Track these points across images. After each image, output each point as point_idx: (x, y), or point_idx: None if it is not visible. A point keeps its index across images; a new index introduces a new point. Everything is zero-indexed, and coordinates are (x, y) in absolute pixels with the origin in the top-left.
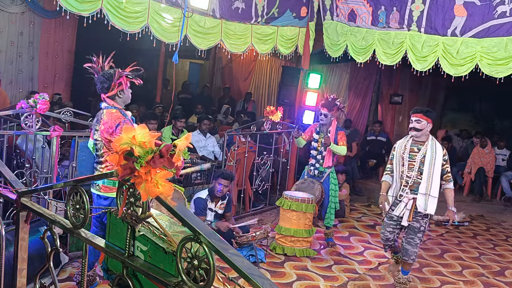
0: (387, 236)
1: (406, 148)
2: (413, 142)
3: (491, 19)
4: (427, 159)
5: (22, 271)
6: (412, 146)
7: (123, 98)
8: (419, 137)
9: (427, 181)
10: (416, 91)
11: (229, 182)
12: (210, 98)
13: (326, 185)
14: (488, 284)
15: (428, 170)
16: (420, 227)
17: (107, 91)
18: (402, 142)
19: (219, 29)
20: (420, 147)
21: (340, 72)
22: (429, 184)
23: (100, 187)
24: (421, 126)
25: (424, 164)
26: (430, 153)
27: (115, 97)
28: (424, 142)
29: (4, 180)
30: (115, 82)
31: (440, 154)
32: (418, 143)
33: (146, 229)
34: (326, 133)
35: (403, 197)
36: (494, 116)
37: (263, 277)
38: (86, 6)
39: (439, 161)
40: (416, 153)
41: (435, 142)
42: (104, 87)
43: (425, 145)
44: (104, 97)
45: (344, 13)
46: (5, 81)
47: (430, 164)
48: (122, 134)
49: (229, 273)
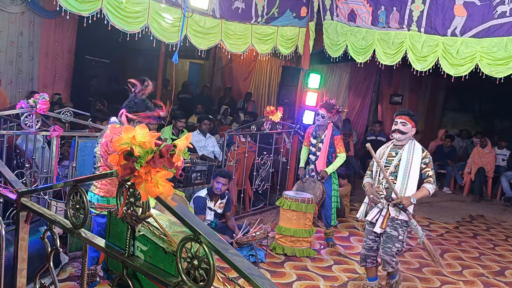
0: (370, 244)
1: (384, 154)
2: (392, 147)
3: (491, 19)
4: (402, 163)
5: (22, 271)
6: (390, 151)
7: (133, 125)
8: (401, 140)
9: (402, 185)
10: (416, 91)
11: (228, 180)
12: (210, 98)
13: (328, 184)
14: (488, 284)
15: (403, 173)
16: (399, 236)
17: (131, 112)
18: (382, 149)
19: (219, 29)
20: (398, 150)
21: (340, 72)
22: (403, 188)
23: (95, 205)
24: (406, 129)
25: (399, 167)
26: (406, 156)
27: (130, 121)
28: (403, 146)
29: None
30: (144, 115)
31: (418, 157)
32: (397, 147)
33: (146, 229)
34: (322, 135)
35: (378, 203)
36: (494, 116)
37: (263, 277)
38: (86, 6)
39: (416, 164)
40: (393, 158)
41: (415, 145)
42: (132, 107)
43: (403, 148)
44: (125, 113)
45: (344, 13)
46: (5, 81)
47: (406, 168)
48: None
49: (229, 273)
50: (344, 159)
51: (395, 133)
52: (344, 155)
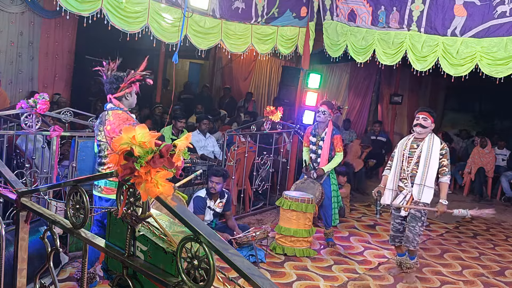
0: (397, 227)
1: (407, 146)
2: (413, 140)
3: (491, 19)
4: (423, 153)
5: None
6: (412, 143)
7: (129, 100)
8: (422, 134)
9: (423, 172)
10: (416, 91)
11: (221, 178)
12: (210, 98)
13: (327, 185)
14: (488, 284)
15: (424, 162)
16: (421, 216)
17: (115, 92)
18: (404, 141)
19: (219, 29)
20: (419, 143)
21: (340, 72)
22: (424, 175)
23: (102, 188)
24: (426, 124)
25: (420, 157)
26: (426, 147)
27: (122, 98)
28: (423, 138)
29: (4, 180)
30: (126, 82)
31: (437, 149)
32: (418, 140)
33: (146, 229)
34: (322, 133)
35: (403, 189)
36: (494, 116)
37: (263, 277)
38: (86, 6)
39: (435, 155)
40: (415, 149)
41: (434, 138)
42: (112, 88)
43: (423, 141)
44: (111, 97)
45: (344, 13)
46: (5, 81)
47: (426, 157)
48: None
49: (229, 273)
50: (341, 159)
51: (416, 127)
52: (341, 154)
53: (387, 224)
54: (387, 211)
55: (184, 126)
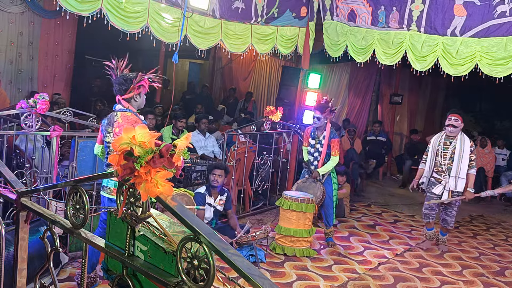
0: (432, 206)
1: (440, 142)
2: (446, 137)
3: (490, 19)
4: (457, 150)
5: (22, 271)
6: (445, 140)
7: (138, 102)
8: (453, 133)
9: (457, 166)
10: (416, 91)
11: (223, 171)
12: (210, 98)
13: (328, 184)
14: (488, 284)
15: (458, 158)
16: (456, 202)
17: (124, 93)
18: (437, 137)
19: (219, 29)
20: (452, 140)
21: (340, 72)
22: (458, 169)
23: (112, 190)
24: (457, 124)
25: (454, 154)
26: (459, 145)
27: (131, 100)
28: (455, 136)
29: (4, 180)
30: (135, 84)
31: (467, 146)
32: (450, 138)
33: (146, 229)
34: (321, 136)
35: (442, 181)
36: (494, 116)
37: (263, 277)
38: (86, 6)
39: (466, 150)
40: (449, 146)
41: (464, 136)
42: (121, 89)
43: (456, 139)
44: (120, 98)
45: (344, 13)
46: (5, 81)
47: (460, 154)
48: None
49: (229, 273)
50: (336, 163)
51: (449, 127)
52: (337, 158)
53: (387, 224)
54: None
55: (185, 126)
